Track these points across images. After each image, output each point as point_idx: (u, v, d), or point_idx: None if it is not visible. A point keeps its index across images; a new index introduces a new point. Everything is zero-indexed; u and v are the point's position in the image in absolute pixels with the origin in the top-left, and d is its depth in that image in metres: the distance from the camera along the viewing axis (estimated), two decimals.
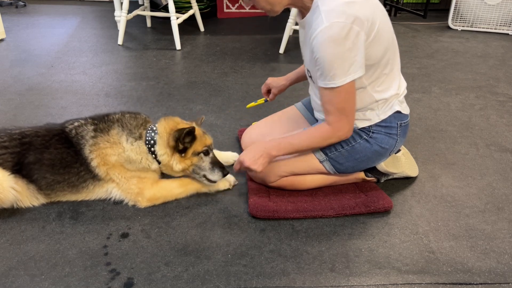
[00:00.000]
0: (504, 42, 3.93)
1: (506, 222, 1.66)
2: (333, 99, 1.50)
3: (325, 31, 1.39)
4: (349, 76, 1.45)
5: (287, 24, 3.49)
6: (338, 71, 1.43)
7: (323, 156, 1.69)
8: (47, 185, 1.66)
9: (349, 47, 1.41)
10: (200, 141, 1.72)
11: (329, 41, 1.39)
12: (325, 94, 1.51)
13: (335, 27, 1.38)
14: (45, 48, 3.62)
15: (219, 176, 1.75)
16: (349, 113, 1.54)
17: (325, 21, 1.39)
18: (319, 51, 1.42)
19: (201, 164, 1.73)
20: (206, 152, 1.73)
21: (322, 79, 1.48)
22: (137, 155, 1.68)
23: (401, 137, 1.71)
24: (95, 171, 1.67)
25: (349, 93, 1.50)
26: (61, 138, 1.67)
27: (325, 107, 1.54)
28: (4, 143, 1.63)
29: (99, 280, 1.38)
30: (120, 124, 1.70)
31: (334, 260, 1.47)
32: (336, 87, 1.46)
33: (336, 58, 1.41)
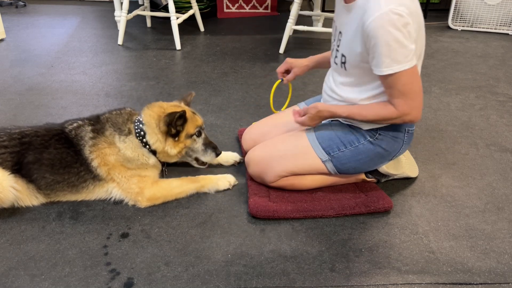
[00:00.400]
0: (504, 42, 3.93)
1: (506, 222, 1.66)
2: (395, 84, 1.46)
3: (384, 16, 1.37)
4: (407, 64, 1.42)
5: (287, 24, 3.49)
6: (396, 57, 1.41)
7: (326, 156, 1.69)
8: (47, 185, 1.66)
9: (406, 36, 1.39)
10: (191, 123, 1.72)
11: (388, 26, 1.37)
12: (385, 81, 1.48)
13: (393, 14, 1.36)
14: (45, 48, 3.62)
15: (212, 157, 1.75)
16: (416, 96, 1.49)
17: (384, 7, 1.37)
18: (377, 35, 1.39)
19: (194, 146, 1.74)
20: (199, 133, 1.74)
21: (379, 65, 1.44)
22: (133, 152, 1.69)
23: (406, 143, 1.71)
24: (96, 171, 1.67)
25: (413, 76, 1.46)
26: (60, 138, 1.67)
27: (388, 91, 1.51)
28: (4, 143, 1.63)
29: (99, 280, 1.38)
30: (110, 124, 1.71)
31: (334, 260, 1.47)
32: (395, 73, 1.43)
33: (394, 44, 1.39)
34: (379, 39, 1.39)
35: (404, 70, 1.43)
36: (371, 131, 1.66)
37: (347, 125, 1.70)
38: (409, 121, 1.54)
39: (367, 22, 1.41)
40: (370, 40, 1.42)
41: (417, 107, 1.51)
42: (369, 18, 1.40)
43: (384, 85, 1.51)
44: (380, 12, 1.37)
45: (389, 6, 1.37)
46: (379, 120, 1.58)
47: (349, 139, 1.67)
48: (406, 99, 1.48)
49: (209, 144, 1.77)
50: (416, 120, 1.54)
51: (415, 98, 1.49)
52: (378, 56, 1.43)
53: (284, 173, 1.73)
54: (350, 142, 1.67)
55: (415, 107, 1.50)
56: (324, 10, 4.63)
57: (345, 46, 1.58)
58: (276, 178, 1.74)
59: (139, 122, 1.71)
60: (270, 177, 1.74)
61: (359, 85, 1.61)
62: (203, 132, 1.77)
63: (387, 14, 1.37)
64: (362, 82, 1.60)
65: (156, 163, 1.77)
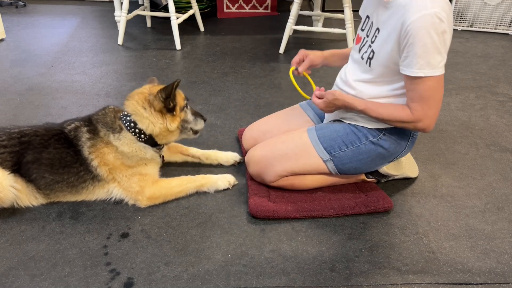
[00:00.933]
0: (504, 42, 3.93)
1: (506, 222, 1.66)
2: (419, 87, 1.45)
3: (426, 17, 1.36)
4: (438, 70, 1.42)
5: (287, 24, 3.48)
6: (430, 61, 1.40)
7: (327, 155, 1.69)
8: (46, 185, 1.66)
9: (443, 42, 1.40)
10: (179, 96, 1.78)
11: (428, 28, 1.37)
12: (410, 82, 1.47)
13: (436, 18, 1.36)
14: (45, 48, 3.62)
15: (202, 124, 1.86)
16: (434, 105, 1.48)
17: (429, 8, 1.36)
18: (416, 35, 1.38)
19: (187, 117, 1.80)
20: (186, 105, 1.81)
21: (411, 66, 1.43)
22: (129, 148, 1.69)
23: (409, 147, 1.71)
24: (96, 171, 1.67)
25: (439, 84, 1.45)
26: (60, 138, 1.67)
27: (409, 94, 1.50)
28: (3, 142, 1.63)
29: (99, 280, 1.38)
30: (101, 125, 1.71)
31: (334, 260, 1.47)
32: (424, 77, 1.42)
33: (431, 47, 1.39)
34: (418, 38, 1.38)
35: (434, 76, 1.43)
36: (375, 131, 1.65)
37: (348, 125, 1.70)
38: (421, 128, 1.52)
39: (410, 19, 1.39)
40: (407, 39, 1.41)
41: (432, 116, 1.49)
42: (413, 16, 1.38)
43: (408, 86, 1.49)
44: (425, 13, 1.37)
45: (434, 8, 1.36)
46: (392, 121, 1.56)
47: (350, 139, 1.67)
48: (424, 105, 1.47)
49: (196, 113, 1.85)
50: (428, 129, 1.52)
51: (433, 107, 1.48)
52: (413, 56, 1.41)
53: (284, 172, 1.73)
54: (352, 142, 1.67)
55: (430, 115, 1.48)
56: (324, 10, 4.63)
57: (379, 43, 1.56)
58: (276, 177, 1.74)
59: (125, 116, 1.72)
60: (270, 177, 1.74)
61: (378, 84, 1.60)
62: (188, 103, 1.84)
63: (431, 16, 1.36)
64: (382, 81, 1.59)
65: (154, 156, 1.77)
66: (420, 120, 1.49)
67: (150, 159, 1.76)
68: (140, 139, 1.71)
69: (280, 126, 1.94)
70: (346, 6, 3.33)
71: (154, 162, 1.79)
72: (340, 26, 3.58)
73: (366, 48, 1.62)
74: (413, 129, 1.57)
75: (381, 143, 1.66)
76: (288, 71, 1.95)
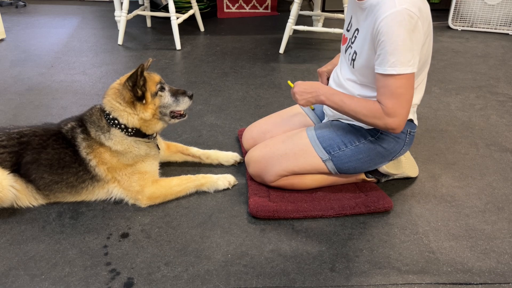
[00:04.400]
0: (504, 42, 3.93)
1: (506, 222, 1.66)
2: (391, 84, 1.45)
3: (396, 15, 1.37)
4: (409, 68, 1.42)
5: (287, 24, 3.48)
6: (400, 58, 1.40)
7: (326, 155, 1.69)
8: (45, 185, 1.66)
9: (413, 39, 1.40)
10: (150, 81, 1.69)
11: (398, 25, 1.37)
12: (382, 80, 1.47)
13: (406, 14, 1.37)
14: (45, 48, 3.62)
15: (187, 103, 1.73)
16: (405, 103, 1.47)
17: (398, 5, 1.37)
18: (386, 33, 1.39)
19: (164, 101, 1.70)
20: (161, 88, 1.71)
21: (382, 65, 1.44)
22: (122, 145, 1.69)
23: (407, 145, 1.71)
24: (94, 171, 1.67)
25: (409, 83, 1.45)
26: (58, 138, 1.67)
27: (381, 90, 1.49)
28: (2, 142, 1.63)
29: (99, 280, 1.38)
30: (90, 125, 1.70)
31: (334, 260, 1.47)
32: (396, 74, 1.43)
33: (401, 44, 1.39)
34: (388, 36, 1.39)
35: (405, 73, 1.43)
36: (373, 130, 1.66)
37: (347, 125, 1.70)
38: (390, 126, 1.50)
39: (380, 19, 1.40)
40: (379, 37, 1.42)
41: (403, 114, 1.48)
42: (382, 15, 1.40)
43: (379, 83, 1.49)
44: (394, 10, 1.37)
45: (403, 5, 1.37)
46: (363, 113, 1.52)
47: (349, 138, 1.67)
48: (395, 102, 1.46)
49: (176, 92, 1.73)
50: (397, 128, 1.50)
51: (404, 106, 1.47)
52: (384, 54, 1.42)
53: (284, 172, 1.73)
54: (351, 141, 1.67)
55: (401, 114, 1.48)
56: (324, 10, 4.63)
57: (359, 43, 1.57)
58: (276, 177, 1.74)
59: (106, 114, 1.70)
60: (270, 177, 1.74)
61: (363, 86, 1.62)
62: (166, 86, 1.74)
63: (400, 13, 1.37)
64: (366, 85, 1.60)
65: (148, 151, 1.74)
66: (391, 115, 1.47)
67: (145, 155, 1.74)
68: (128, 133, 1.69)
69: (280, 126, 1.94)
70: (346, 6, 3.33)
71: (151, 157, 1.77)
72: (340, 26, 3.58)
73: (349, 49, 1.64)
74: (383, 127, 1.53)
75: (379, 142, 1.66)
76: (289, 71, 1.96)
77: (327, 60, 2.07)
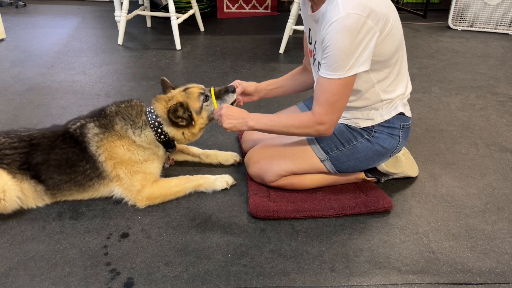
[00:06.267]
0: (504, 42, 3.93)
1: (506, 222, 1.66)
2: (328, 89, 1.48)
3: (340, 21, 1.38)
4: (351, 71, 1.43)
5: (287, 24, 3.49)
6: (342, 64, 1.42)
7: (324, 155, 1.69)
8: (54, 185, 1.67)
9: (359, 41, 1.40)
10: (191, 100, 1.72)
11: (342, 31, 1.38)
12: (322, 83, 1.49)
13: (350, 18, 1.37)
14: (45, 48, 3.62)
15: (233, 97, 1.76)
16: (337, 110, 1.51)
17: (342, 11, 1.37)
18: (330, 39, 1.41)
19: (211, 109, 1.75)
20: (205, 98, 1.74)
21: (325, 68, 1.46)
22: (148, 145, 1.73)
23: (403, 139, 1.71)
24: (102, 166, 1.68)
25: (346, 88, 1.47)
26: (65, 138, 1.69)
27: (317, 95, 1.52)
28: (14, 144, 1.66)
29: (99, 280, 1.38)
30: (121, 117, 1.71)
31: (334, 260, 1.47)
32: (335, 79, 1.45)
33: (344, 51, 1.40)
34: (331, 43, 1.41)
35: (343, 78, 1.44)
36: (367, 129, 1.66)
37: (344, 124, 1.70)
38: (321, 132, 1.55)
39: (326, 26, 1.42)
40: (324, 44, 1.44)
41: (333, 121, 1.53)
42: (328, 22, 1.41)
43: (318, 86, 1.51)
44: (337, 17, 1.38)
45: (346, 10, 1.37)
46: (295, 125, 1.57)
47: (346, 138, 1.67)
48: (328, 109, 1.50)
49: (219, 93, 1.76)
50: (326, 134, 1.56)
51: (336, 112, 1.51)
52: (327, 59, 1.44)
53: (283, 172, 1.73)
54: (348, 141, 1.67)
55: (331, 120, 1.52)
56: None
57: (319, 54, 1.59)
58: (275, 177, 1.74)
59: (151, 113, 1.73)
60: (269, 177, 1.74)
61: None
62: (207, 91, 1.76)
63: (344, 19, 1.37)
64: None
65: (163, 154, 1.81)
66: (322, 123, 1.52)
67: (160, 156, 1.79)
68: (160, 139, 1.73)
69: None
70: None
71: (160, 161, 1.81)
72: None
73: (314, 61, 1.66)
74: (315, 134, 1.59)
75: (376, 140, 1.66)
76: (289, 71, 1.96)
77: None
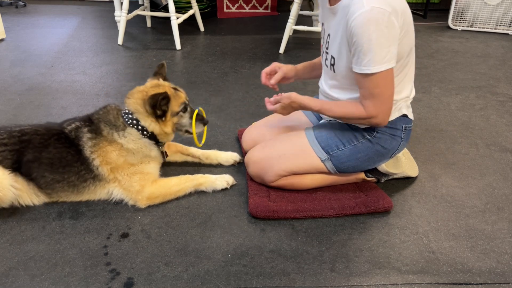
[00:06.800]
0: (504, 42, 3.93)
1: (506, 222, 1.66)
2: (368, 84, 1.48)
3: (366, 14, 1.38)
4: (384, 64, 1.43)
5: (287, 24, 3.49)
6: (374, 57, 1.42)
7: (325, 155, 1.69)
8: (47, 184, 1.66)
9: (387, 35, 1.40)
10: (175, 101, 1.73)
11: (369, 24, 1.38)
12: (360, 80, 1.49)
13: (375, 12, 1.38)
14: (45, 48, 3.62)
15: (200, 128, 1.80)
16: (385, 101, 1.51)
17: (366, 5, 1.38)
18: (358, 33, 1.41)
19: (182, 121, 1.77)
20: (184, 109, 1.76)
21: (358, 64, 1.46)
22: (135, 144, 1.71)
23: (404, 141, 1.71)
24: (97, 170, 1.67)
25: (387, 80, 1.47)
26: (60, 137, 1.67)
27: (361, 91, 1.53)
28: (4, 140, 1.63)
29: (99, 280, 1.38)
30: (104, 123, 1.71)
31: (334, 260, 1.47)
32: (371, 74, 1.44)
33: (374, 42, 1.40)
34: (360, 36, 1.41)
35: (380, 72, 1.44)
36: (369, 130, 1.66)
37: (345, 124, 1.70)
38: (375, 124, 1.57)
39: (351, 20, 1.42)
40: (352, 38, 1.44)
41: (385, 111, 1.53)
42: (352, 16, 1.41)
43: (358, 83, 1.53)
44: (362, 11, 1.39)
45: (371, 4, 1.38)
46: (347, 118, 1.60)
47: (347, 138, 1.67)
48: (375, 102, 1.50)
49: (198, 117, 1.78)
50: (382, 124, 1.57)
51: (384, 103, 1.51)
52: (358, 54, 1.44)
53: (283, 172, 1.73)
54: (349, 141, 1.67)
55: (383, 111, 1.52)
56: None
57: (334, 48, 1.60)
58: (275, 177, 1.74)
59: (126, 114, 1.72)
60: (269, 177, 1.74)
61: (347, 89, 1.63)
62: (188, 107, 1.79)
63: (369, 12, 1.38)
64: (349, 86, 1.61)
65: (157, 155, 1.79)
66: (373, 117, 1.53)
67: (154, 157, 1.77)
68: (144, 135, 1.72)
69: (279, 127, 1.94)
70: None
71: (157, 160, 1.80)
72: None
73: (325, 55, 1.67)
74: (369, 125, 1.61)
75: (377, 140, 1.66)
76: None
77: None
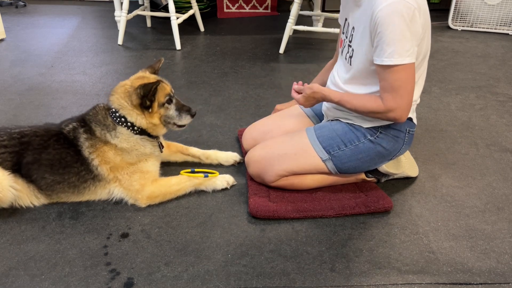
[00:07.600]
0: (504, 42, 3.93)
1: (506, 222, 1.66)
2: (389, 77, 1.47)
3: (393, 5, 1.39)
4: (408, 58, 1.43)
5: (287, 24, 3.48)
6: (398, 49, 1.41)
7: (326, 155, 1.69)
8: (47, 186, 1.66)
9: (411, 29, 1.41)
10: (161, 92, 1.71)
11: (395, 15, 1.39)
12: (381, 72, 1.49)
13: (402, 5, 1.38)
14: (45, 48, 3.61)
15: (188, 120, 1.78)
16: (405, 95, 1.49)
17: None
18: (383, 23, 1.40)
19: (168, 113, 1.74)
20: (169, 100, 1.74)
21: (380, 55, 1.45)
22: (128, 143, 1.70)
23: (407, 144, 1.71)
24: (97, 170, 1.67)
25: (408, 73, 1.46)
26: (59, 138, 1.67)
27: (381, 84, 1.52)
28: (3, 142, 1.63)
29: (99, 280, 1.38)
30: (95, 124, 1.71)
31: (334, 260, 1.47)
32: (394, 65, 1.44)
33: (399, 34, 1.40)
34: (385, 26, 1.40)
35: (403, 64, 1.43)
36: (372, 130, 1.66)
37: (347, 124, 1.70)
38: (393, 118, 1.54)
39: (376, 10, 1.42)
40: (376, 28, 1.43)
41: (404, 106, 1.50)
42: (378, 6, 1.41)
43: (379, 76, 1.51)
44: (390, 1, 1.39)
45: None
46: (365, 112, 1.58)
47: (349, 138, 1.67)
48: (395, 95, 1.48)
49: (182, 108, 1.77)
50: (400, 119, 1.54)
51: (404, 97, 1.49)
52: (382, 45, 1.43)
53: (284, 172, 1.73)
54: (351, 141, 1.67)
55: (402, 105, 1.50)
56: (324, 10, 4.62)
57: (357, 40, 1.59)
58: (276, 177, 1.74)
59: (113, 112, 1.71)
60: (270, 177, 1.74)
61: (361, 83, 1.62)
62: (174, 98, 1.77)
63: (396, 4, 1.38)
64: (365, 80, 1.60)
65: (153, 150, 1.77)
66: (392, 110, 1.50)
67: (149, 154, 1.75)
68: (135, 131, 1.71)
69: (280, 126, 1.94)
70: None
71: (154, 157, 1.79)
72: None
73: (347, 49, 1.66)
74: (386, 119, 1.59)
75: (379, 141, 1.66)
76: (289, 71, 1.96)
77: (327, 60, 2.06)
